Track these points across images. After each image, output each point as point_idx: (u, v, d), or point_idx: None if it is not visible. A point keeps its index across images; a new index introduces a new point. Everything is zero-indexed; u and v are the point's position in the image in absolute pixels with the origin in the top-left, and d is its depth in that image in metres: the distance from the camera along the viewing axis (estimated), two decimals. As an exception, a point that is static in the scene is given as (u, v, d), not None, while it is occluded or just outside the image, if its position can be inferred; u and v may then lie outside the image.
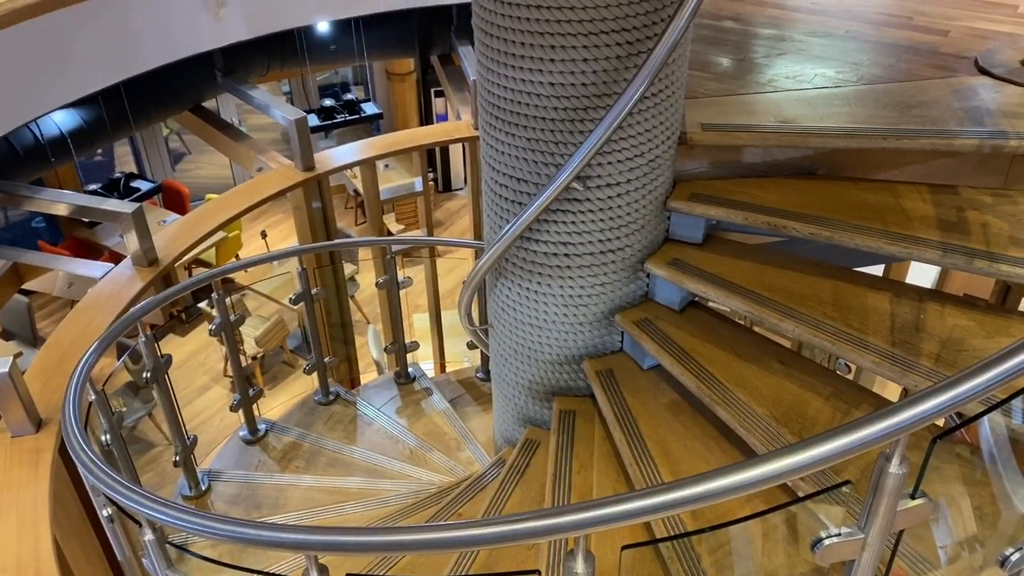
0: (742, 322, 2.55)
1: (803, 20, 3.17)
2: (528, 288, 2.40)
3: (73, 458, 1.93)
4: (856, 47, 2.91)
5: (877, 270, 4.98)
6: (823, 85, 2.61)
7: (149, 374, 3.06)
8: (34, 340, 6.29)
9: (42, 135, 4.79)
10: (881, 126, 2.31)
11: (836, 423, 1.94)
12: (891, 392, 4.31)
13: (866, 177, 2.42)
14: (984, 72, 2.62)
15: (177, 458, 3.27)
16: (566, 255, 2.29)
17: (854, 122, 2.35)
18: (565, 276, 2.33)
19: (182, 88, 5.41)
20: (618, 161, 2.14)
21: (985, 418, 1.51)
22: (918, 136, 2.25)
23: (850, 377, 4.08)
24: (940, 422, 1.26)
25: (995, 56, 2.70)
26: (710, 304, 2.45)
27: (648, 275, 2.42)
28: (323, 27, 5.85)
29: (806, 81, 2.65)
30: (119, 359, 3.32)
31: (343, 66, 10.38)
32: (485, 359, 4.17)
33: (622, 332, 2.49)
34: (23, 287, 5.13)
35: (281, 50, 5.79)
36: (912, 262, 2.44)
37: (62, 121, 4.90)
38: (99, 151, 9.83)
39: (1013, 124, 2.27)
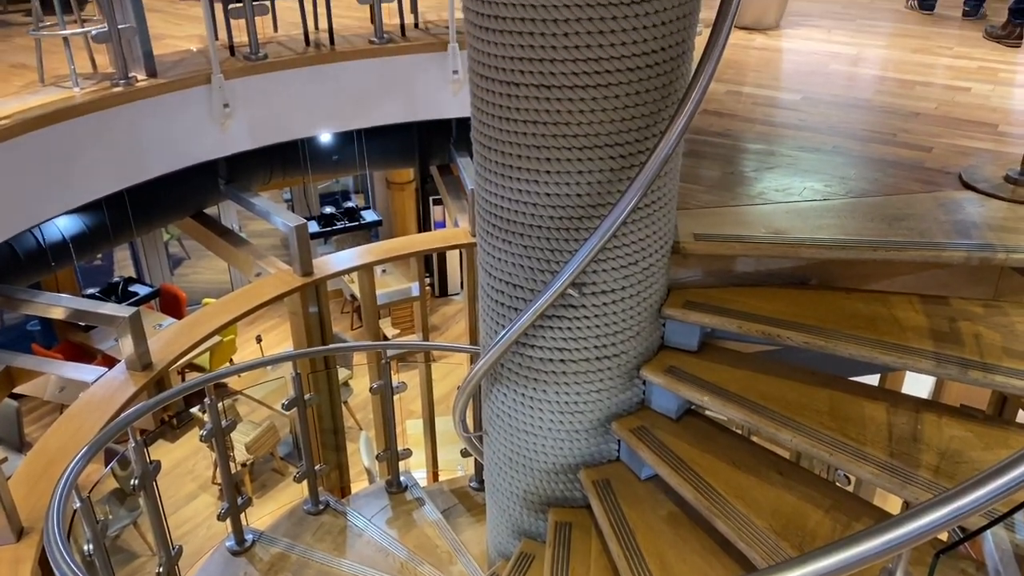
0: (740, 431, 2.53)
1: (791, 136, 3.28)
2: (524, 394, 2.39)
3: (55, 570, 1.87)
4: (843, 161, 2.99)
5: (873, 379, 4.97)
6: (812, 198, 2.67)
7: (137, 481, 3.00)
8: (21, 445, 6.19)
9: (44, 240, 4.84)
10: (871, 238, 2.35)
11: (837, 536, 1.90)
12: (892, 505, 4.23)
13: (858, 287, 2.45)
14: (968, 187, 2.70)
15: (160, 570, 3.17)
16: (562, 361, 2.29)
17: (844, 234, 2.39)
18: (561, 382, 2.32)
19: (185, 195, 5.52)
20: (613, 269, 2.17)
21: (988, 532, 1.48)
22: (907, 248, 2.29)
23: (850, 488, 4.01)
24: (943, 536, 1.23)
25: (978, 171, 2.79)
26: (707, 412, 2.44)
27: (644, 382, 2.42)
28: (326, 138, 6.02)
29: (796, 194, 2.71)
30: (107, 465, 3.26)
31: (345, 175, 10.63)
32: (479, 468, 4.10)
33: (619, 440, 2.46)
34: (13, 391, 5.08)
35: (284, 160, 5.93)
36: (907, 371, 2.45)
37: (64, 226, 4.97)
38: (99, 255, 9.93)
39: (1000, 237, 2.32)
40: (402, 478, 4.17)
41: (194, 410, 4.56)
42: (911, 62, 4.33)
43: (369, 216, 7.96)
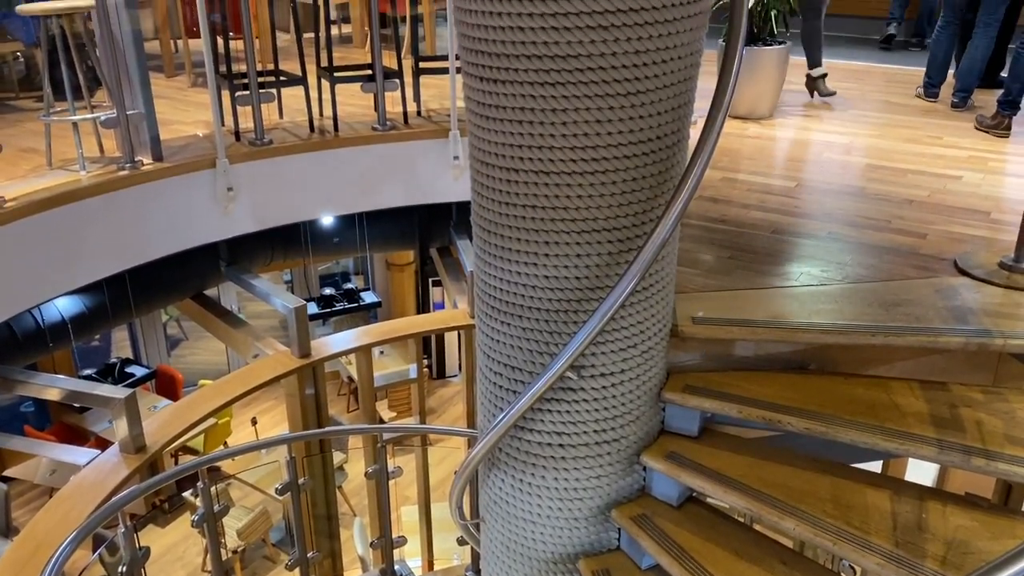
0: (742, 519, 2.48)
1: (787, 222, 3.32)
2: (522, 480, 2.35)
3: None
4: (839, 247, 3.03)
5: (875, 466, 4.91)
6: (809, 283, 2.69)
7: (125, 568, 2.92)
8: (7, 530, 6.05)
9: (43, 320, 4.85)
10: (869, 323, 2.36)
11: (844, 630, 1.84)
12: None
13: (857, 373, 2.44)
14: (964, 273, 2.72)
15: (144, 662, 3.06)
16: (561, 446, 2.26)
17: (842, 319, 2.40)
18: (560, 468, 2.29)
19: (186, 277, 5.55)
20: (612, 352, 2.17)
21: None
22: (905, 333, 2.29)
23: (856, 580, 3.91)
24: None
25: (973, 258, 2.81)
26: (709, 500, 2.40)
27: (645, 468, 2.39)
28: (327, 221, 6.09)
29: (793, 279, 2.73)
30: (95, 551, 3.18)
31: (345, 257, 10.72)
32: (476, 557, 4.01)
33: (619, 529, 2.42)
34: (3, 474, 5.00)
35: (285, 242, 5.99)
36: (909, 458, 2.43)
37: (64, 307, 4.98)
38: (97, 336, 9.91)
39: (996, 323, 2.33)
40: (397, 567, 4.07)
41: (186, 494, 4.49)
42: (903, 151, 4.43)
43: (368, 298, 7.99)
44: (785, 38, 5.28)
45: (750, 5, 4.93)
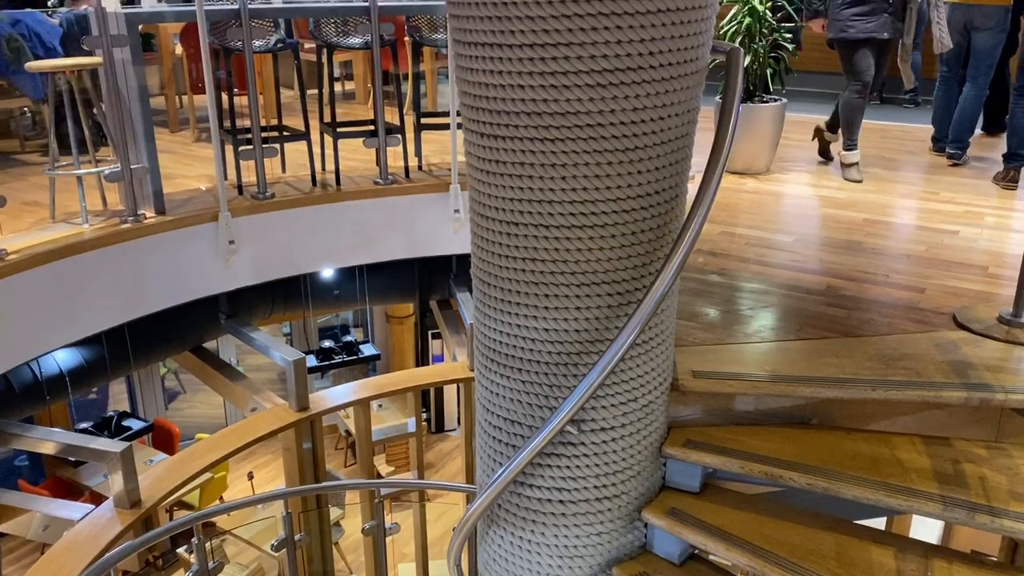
0: (744, 577, 2.44)
1: (785, 276, 3.33)
2: (521, 537, 2.32)
3: None
4: (838, 301, 3.03)
5: (879, 522, 4.84)
6: (809, 337, 2.69)
7: (115, 626, 2.86)
8: (-3, 586, 5.93)
9: (41, 373, 4.83)
10: (869, 378, 2.35)
11: None
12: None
13: (859, 427, 2.43)
14: (963, 327, 2.72)
15: None
16: (560, 502, 2.24)
17: (842, 373, 2.40)
18: (560, 525, 2.26)
19: (186, 329, 5.55)
20: (612, 406, 2.15)
21: None
22: (906, 388, 2.29)
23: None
24: None
25: (971, 312, 2.82)
26: (711, 557, 2.36)
27: (646, 525, 2.35)
28: (328, 273, 6.11)
29: (792, 333, 2.73)
30: (85, 609, 3.12)
31: (345, 310, 10.72)
32: (474, 614, 3.92)
33: (619, 586, 2.37)
34: (-5, 529, 4.93)
35: (285, 294, 6.01)
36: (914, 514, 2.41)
37: (63, 359, 4.97)
38: (95, 389, 9.86)
39: (997, 378, 2.32)
40: (393, 625, 3.98)
41: (181, 550, 4.42)
42: (899, 206, 4.47)
43: (368, 350, 7.97)
44: (780, 95, 5.36)
45: (745, 64, 5.02)
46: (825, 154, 5.60)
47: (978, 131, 6.13)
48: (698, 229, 1.92)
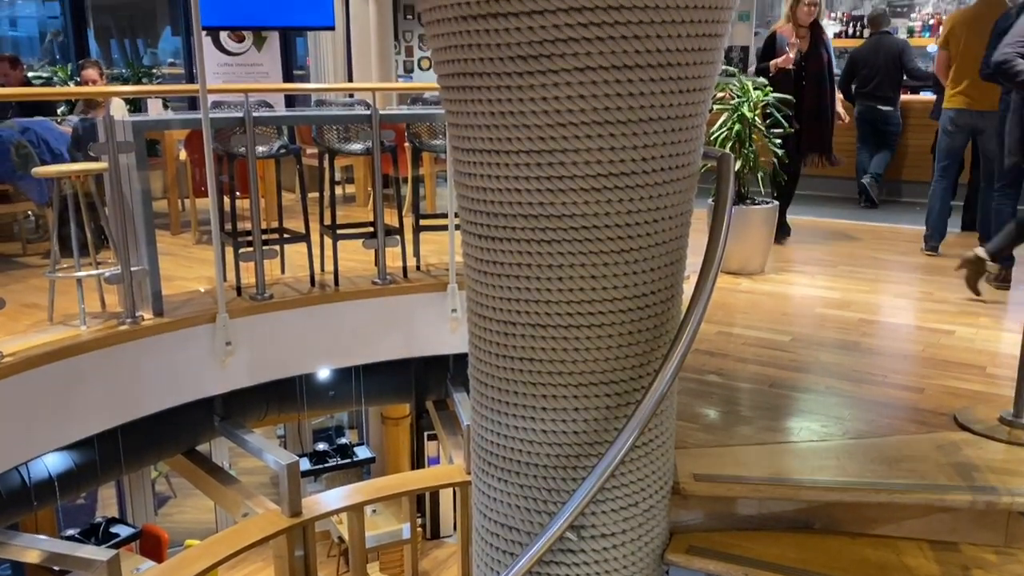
0: None
1: (784, 376, 3.32)
2: (519, 649, 2.23)
3: None
4: (837, 402, 3.02)
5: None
6: (810, 438, 2.66)
7: None
8: None
9: (30, 478, 4.73)
10: (872, 480, 2.32)
11: None
12: None
13: (864, 532, 2.37)
14: (964, 428, 2.70)
15: None
16: (560, 612, 2.16)
17: (845, 476, 2.36)
18: (559, 636, 2.18)
19: (179, 432, 5.47)
20: (612, 511, 2.11)
21: None
22: (910, 491, 2.25)
23: None
24: None
25: (972, 413, 2.80)
26: (716, 670, 2.26)
27: (648, 636, 2.27)
28: (323, 374, 6.08)
29: (793, 434, 2.71)
30: None
31: (341, 411, 10.60)
32: None
33: None
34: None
35: (280, 396, 5.95)
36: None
37: (52, 463, 4.87)
38: (84, 494, 9.65)
39: (1002, 480, 2.29)
40: None
41: (163, 665, 4.23)
42: (895, 306, 4.50)
43: (362, 453, 7.84)
44: (770, 197, 5.48)
45: (736, 168, 5.15)
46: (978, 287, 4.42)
47: (956, 230, 6.25)
48: (695, 328, 1.93)
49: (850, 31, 9.05)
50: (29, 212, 6.90)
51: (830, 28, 9.21)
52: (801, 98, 5.60)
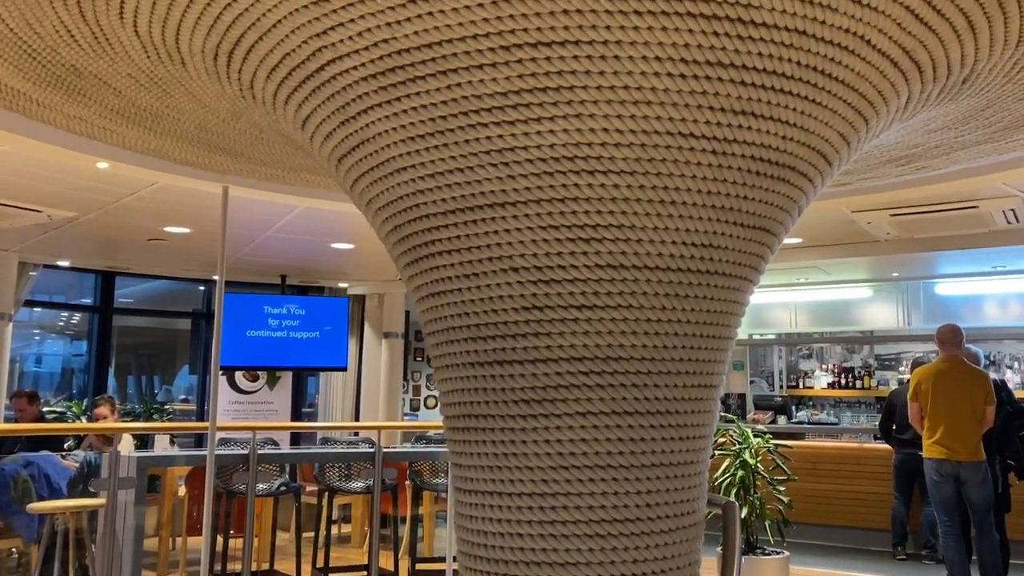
0: None
1: None
2: None
3: None
4: None
5: None
6: None
7: None
8: None
9: None
10: None
11: None
12: None
13: None
14: None
15: None
16: None
17: None
18: None
19: None
20: None
21: None
22: None
23: None
24: None
25: None
26: None
27: None
28: None
29: None
30: None
31: None
32: None
33: None
34: None
35: None
36: None
37: None
38: None
39: None
40: None
41: None
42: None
43: None
44: (782, 547, 5.26)
45: (743, 515, 5.05)
46: None
47: None
48: None
49: (842, 382, 9.29)
50: (13, 549, 6.65)
51: (822, 379, 9.51)
52: None
